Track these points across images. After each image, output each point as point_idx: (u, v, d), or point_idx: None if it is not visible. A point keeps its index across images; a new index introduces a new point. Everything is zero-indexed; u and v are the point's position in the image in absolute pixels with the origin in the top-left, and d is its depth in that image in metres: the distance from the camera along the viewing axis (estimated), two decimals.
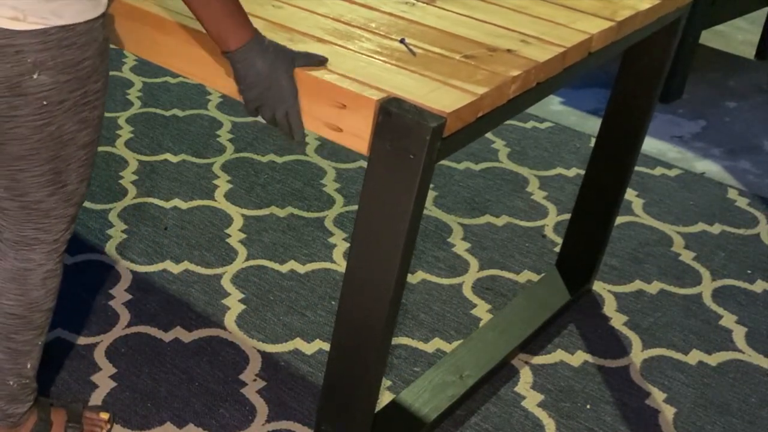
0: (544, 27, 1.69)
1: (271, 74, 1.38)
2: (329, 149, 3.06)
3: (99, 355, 2.09)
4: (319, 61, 1.43)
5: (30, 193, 1.50)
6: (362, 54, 1.52)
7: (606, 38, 1.73)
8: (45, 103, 1.39)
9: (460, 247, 2.62)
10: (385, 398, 2.05)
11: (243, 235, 2.56)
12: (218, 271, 2.41)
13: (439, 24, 1.67)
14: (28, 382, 1.71)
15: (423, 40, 1.59)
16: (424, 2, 1.76)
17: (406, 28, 1.63)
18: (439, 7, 1.74)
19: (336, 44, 1.54)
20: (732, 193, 3.03)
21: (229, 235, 2.56)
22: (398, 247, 1.42)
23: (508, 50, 1.58)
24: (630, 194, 2.96)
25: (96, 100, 1.48)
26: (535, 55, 1.57)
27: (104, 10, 1.44)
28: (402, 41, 1.57)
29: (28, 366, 1.69)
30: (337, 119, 1.40)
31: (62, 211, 1.55)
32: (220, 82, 1.51)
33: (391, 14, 1.69)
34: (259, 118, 1.45)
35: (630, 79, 2.15)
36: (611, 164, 2.26)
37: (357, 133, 1.39)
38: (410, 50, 1.54)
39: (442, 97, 1.40)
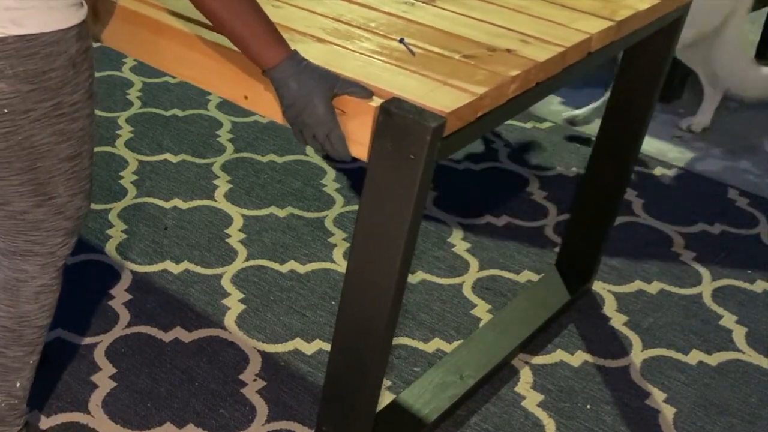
0: (543, 27, 1.69)
1: (304, 96, 1.35)
2: None
3: (99, 355, 2.09)
4: (365, 94, 1.37)
5: (13, 202, 1.47)
6: (362, 54, 1.51)
7: (606, 38, 1.73)
8: (6, 111, 1.36)
9: (460, 247, 2.62)
10: (385, 398, 2.04)
11: (243, 235, 2.56)
12: (218, 271, 2.41)
13: (438, 24, 1.66)
14: (17, 403, 1.68)
15: (423, 40, 1.59)
16: (423, 2, 1.76)
17: (405, 28, 1.63)
18: (438, 7, 1.74)
19: (335, 44, 1.54)
20: (732, 193, 3.03)
21: (229, 235, 2.56)
22: (399, 247, 1.42)
23: (508, 50, 1.58)
24: (630, 194, 2.96)
25: (75, 112, 1.43)
26: (534, 54, 1.57)
27: (78, 21, 1.39)
28: (401, 41, 1.56)
29: (18, 385, 1.65)
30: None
31: (54, 224, 1.53)
32: (218, 86, 1.51)
33: (390, 14, 1.69)
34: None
35: (630, 79, 2.15)
36: (611, 164, 2.26)
37: (357, 140, 1.38)
38: (409, 50, 1.54)
39: (442, 96, 1.40)
